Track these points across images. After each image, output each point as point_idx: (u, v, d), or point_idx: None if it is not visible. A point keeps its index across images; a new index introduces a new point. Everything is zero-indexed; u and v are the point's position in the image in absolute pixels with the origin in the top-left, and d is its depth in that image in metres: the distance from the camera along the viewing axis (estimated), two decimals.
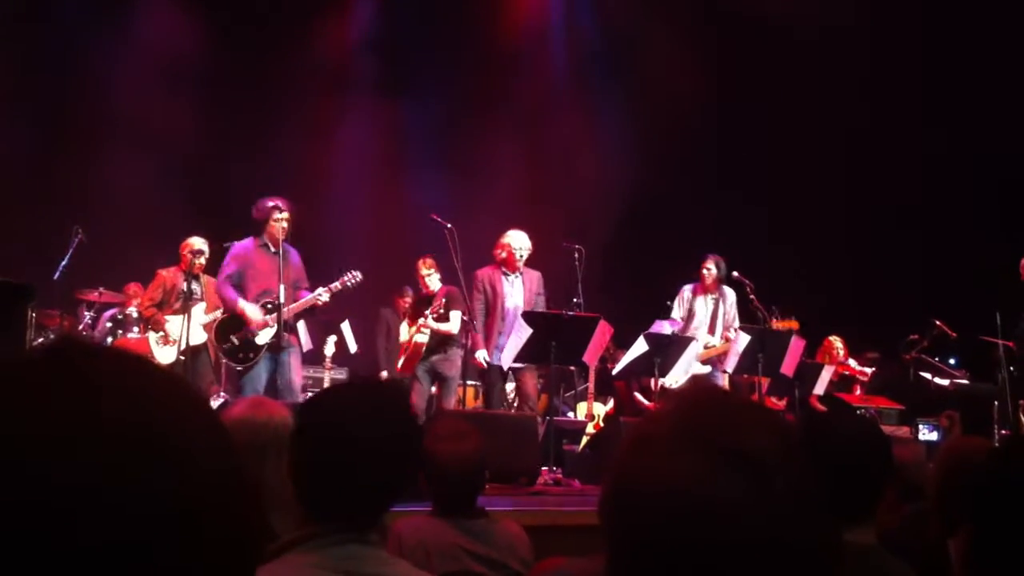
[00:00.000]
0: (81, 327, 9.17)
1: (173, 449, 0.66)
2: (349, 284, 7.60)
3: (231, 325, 7.32)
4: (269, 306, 7.31)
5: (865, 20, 11.44)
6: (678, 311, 8.89)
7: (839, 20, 11.21)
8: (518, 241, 8.00)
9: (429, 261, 8.62)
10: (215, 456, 0.69)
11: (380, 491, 1.87)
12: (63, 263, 8.86)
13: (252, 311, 7.25)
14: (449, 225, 7.59)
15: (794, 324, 8.67)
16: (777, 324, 8.59)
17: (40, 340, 8.18)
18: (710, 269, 8.81)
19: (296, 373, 7.42)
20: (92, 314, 9.25)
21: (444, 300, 8.27)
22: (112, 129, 10.76)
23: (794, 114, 11.38)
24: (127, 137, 10.64)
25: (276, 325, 7.25)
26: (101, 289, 9.18)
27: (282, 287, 7.24)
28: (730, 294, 8.95)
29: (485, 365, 7.85)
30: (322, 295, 7.46)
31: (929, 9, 11.16)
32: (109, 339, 8.88)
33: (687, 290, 8.95)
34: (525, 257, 8.01)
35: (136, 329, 8.98)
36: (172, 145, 10.64)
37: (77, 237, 8.95)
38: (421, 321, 8.32)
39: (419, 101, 12.27)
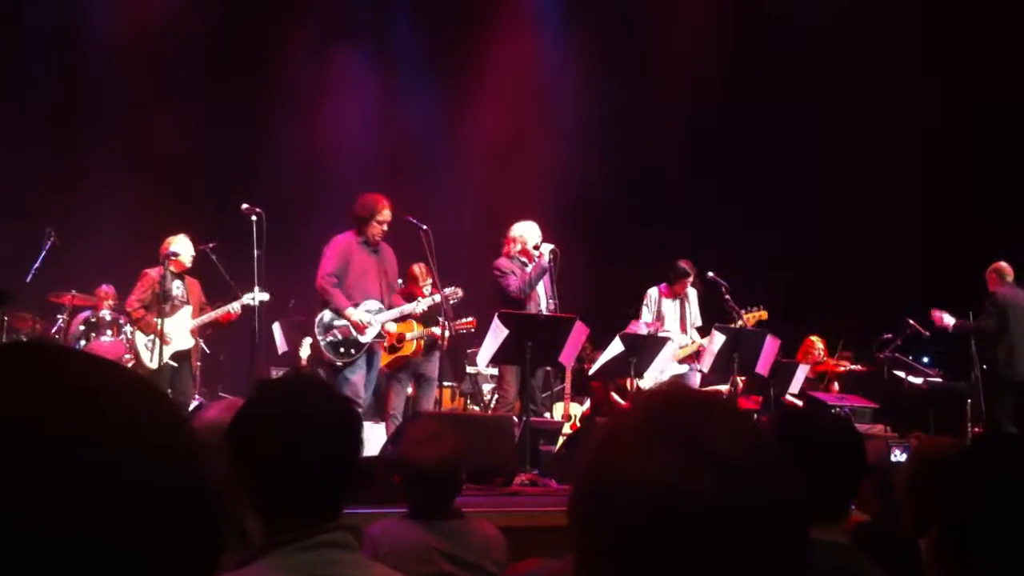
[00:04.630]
0: (54, 330, 9.07)
1: (128, 443, 0.65)
2: (452, 301, 7.62)
3: (335, 319, 7.37)
4: (373, 309, 7.46)
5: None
6: (648, 314, 8.87)
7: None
8: (530, 232, 7.84)
9: (425, 268, 8.42)
10: (174, 455, 0.68)
11: (328, 482, 1.85)
12: (35, 266, 8.78)
13: (359, 316, 7.34)
14: (425, 227, 7.49)
15: (763, 314, 8.66)
16: (745, 316, 8.58)
17: None
18: (690, 277, 8.79)
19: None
20: (65, 317, 9.15)
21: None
22: (86, 128, 10.64)
23: (791, 113, 11.34)
24: (102, 136, 10.54)
25: (378, 326, 7.43)
26: (74, 292, 9.09)
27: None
28: (692, 293, 8.95)
29: None
30: (418, 306, 7.72)
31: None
32: (82, 342, 8.77)
33: (654, 292, 8.94)
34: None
35: (109, 332, 8.89)
36: (148, 142, 10.47)
37: (50, 240, 8.87)
38: (448, 335, 8.14)
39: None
